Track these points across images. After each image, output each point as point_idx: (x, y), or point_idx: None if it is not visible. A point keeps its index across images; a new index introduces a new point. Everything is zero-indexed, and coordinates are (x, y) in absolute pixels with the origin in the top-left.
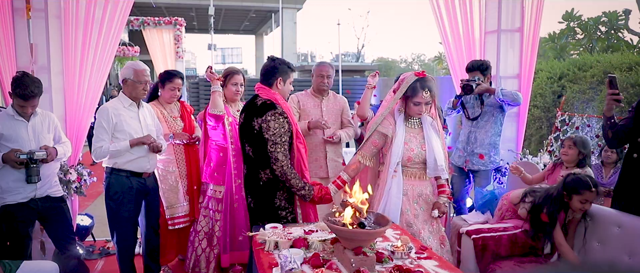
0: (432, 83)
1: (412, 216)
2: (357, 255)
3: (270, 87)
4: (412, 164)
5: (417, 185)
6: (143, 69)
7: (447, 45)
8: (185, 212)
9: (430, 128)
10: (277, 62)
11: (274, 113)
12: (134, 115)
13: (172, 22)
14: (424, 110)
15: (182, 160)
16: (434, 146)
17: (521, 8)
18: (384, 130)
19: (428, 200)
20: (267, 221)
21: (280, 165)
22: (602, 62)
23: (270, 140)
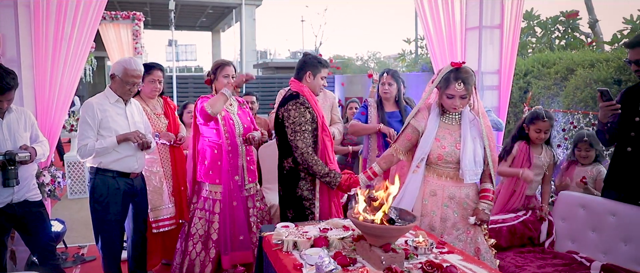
0: (467, 75)
1: (439, 219)
2: (386, 252)
3: (300, 81)
4: (444, 163)
5: (449, 187)
6: (134, 69)
7: (430, 41)
8: (171, 214)
9: (470, 126)
10: (307, 58)
11: (296, 102)
12: (120, 112)
13: (130, 16)
14: (459, 104)
15: (167, 160)
16: (470, 146)
17: (501, 5)
18: (417, 124)
19: (464, 205)
20: (292, 210)
21: (300, 152)
22: (564, 59)
23: (290, 128)
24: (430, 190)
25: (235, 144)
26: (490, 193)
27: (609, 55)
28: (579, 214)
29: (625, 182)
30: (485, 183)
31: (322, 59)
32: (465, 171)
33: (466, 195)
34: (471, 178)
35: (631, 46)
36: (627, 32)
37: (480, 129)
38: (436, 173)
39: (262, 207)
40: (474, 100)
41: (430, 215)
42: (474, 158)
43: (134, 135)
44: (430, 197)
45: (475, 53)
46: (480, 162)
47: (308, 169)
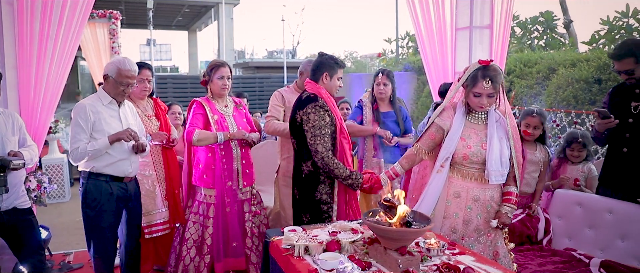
0: (496, 73)
1: (461, 221)
2: (403, 255)
3: (317, 82)
4: (470, 164)
5: (473, 188)
6: (128, 69)
7: (421, 41)
8: (164, 219)
9: (496, 126)
10: (324, 58)
11: (315, 105)
12: (114, 114)
13: (107, 15)
14: (486, 103)
15: (160, 163)
16: (496, 146)
17: (491, 6)
18: (442, 123)
19: (488, 207)
20: (309, 214)
21: (321, 157)
22: (545, 58)
23: (310, 132)
24: (454, 191)
25: (229, 148)
26: (513, 196)
27: (589, 55)
28: (576, 212)
29: (622, 181)
30: (509, 186)
31: (338, 59)
32: (491, 172)
33: (491, 198)
34: (497, 179)
35: (617, 58)
36: (604, 33)
37: (507, 129)
38: (461, 174)
39: (259, 211)
40: (500, 100)
41: (453, 217)
42: (500, 159)
43: (126, 133)
44: (453, 199)
45: (465, 53)
46: (506, 163)
47: (329, 173)
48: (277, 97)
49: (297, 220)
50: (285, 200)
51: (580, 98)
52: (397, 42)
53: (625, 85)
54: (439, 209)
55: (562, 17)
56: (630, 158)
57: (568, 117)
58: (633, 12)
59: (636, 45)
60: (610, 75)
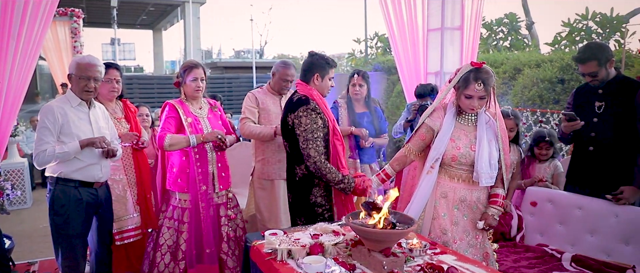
0: (488, 76)
1: (449, 222)
2: (387, 257)
3: (308, 83)
4: (458, 165)
5: (460, 189)
6: (87, 62)
7: (394, 42)
8: (136, 224)
9: (486, 127)
10: (315, 58)
11: (307, 109)
12: (83, 117)
13: (68, 13)
14: (477, 105)
15: (131, 167)
16: (485, 148)
17: (461, 7)
18: (432, 123)
19: (474, 209)
20: (304, 217)
21: (313, 162)
22: (511, 59)
23: (302, 136)
24: (442, 192)
25: (204, 151)
26: (500, 198)
27: (552, 56)
28: (547, 208)
29: (589, 179)
30: (496, 188)
31: (329, 58)
32: (480, 174)
33: (477, 199)
34: (486, 181)
35: (581, 61)
36: (565, 34)
37: (496, 131)
38: (448, 175)
39: (235, 215)
40: (490, 102)
41: (441, 217)
42: (489, 161)
43: (99, 140)
44: (441, 199)
45: (437, 54)
46: (495, 165)
47: (321, 178)
48: (250, 99)
49: (293, 224)
50: (261, 202)
51: (545, 97)
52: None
53: (588, 86)
54: (428, 210)
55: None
56: (596, 156)
57: (534, 116)
58: (592, 15)
59: (599, 49)
60: (573, 75)
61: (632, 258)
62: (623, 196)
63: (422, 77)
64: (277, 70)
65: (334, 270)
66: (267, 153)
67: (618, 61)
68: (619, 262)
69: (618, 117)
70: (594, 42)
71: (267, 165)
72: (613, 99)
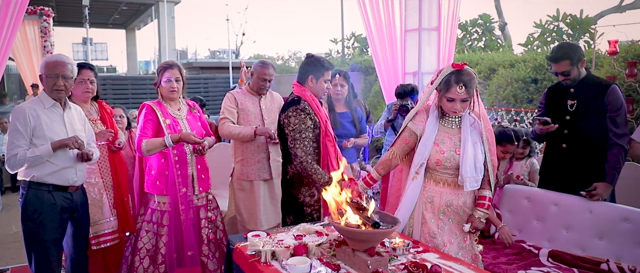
0: (469, 78)
1: (436, 227)
2: (372, 257)
3: (303, 84)
4: (443, 169)
5: (446, 193)
6: (55, 60)
7: (372, 42)
8: (113, 228)
9: (470, 130)
10: (311, 60)
11: (296, 109)
12: (57, 118)
13: (38, 11)
14: (459, 108)
15: (107, 169)
16: (470, 151)
17: (438, 8)
18: (415, 127)
19: (460, 212)
20: (293, 216)
21: (299, 161)
22: (485, 59)
23: (290, 136)
24: (428, 196)
25: (183, 152)
26: (486, 200)
27: (525, 57)
28: (524, 205)
29: (562, 175)
30: (483, 190)
31: (325, 61)
32: (465, 178)
33: (463, 203)
34: (472, 185)
35: (555, 60)
36: (537, 35)
37: (481, 132)
38: (434, 180)
39: (215, 217)
40: (475, 103)
41: (429, 222)
42: (474, 164)
43: (72, 140)
44: (427, 204)
45: (415, 54)
46: (481, 168)
47: (308, 178)
48: (230, 99)
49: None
50: (241, 203)
51: (519, 97)
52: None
53: (560, 85)
54: (417, 216)
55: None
56: (569, 153)
57: (508, 115)
58: (563, 16)
59: (571, 48)
60: (545, 74)
61: (606, 253)
62: (596, 192)
63: (400, 77)
64: (255, 70)
65: (320, 270)
66: (247, 154)
67: (588, 62)
68: (593, 257)
69: (589, 115)
70: (566, 42)
71: (246, 166)
72: (584, 97)
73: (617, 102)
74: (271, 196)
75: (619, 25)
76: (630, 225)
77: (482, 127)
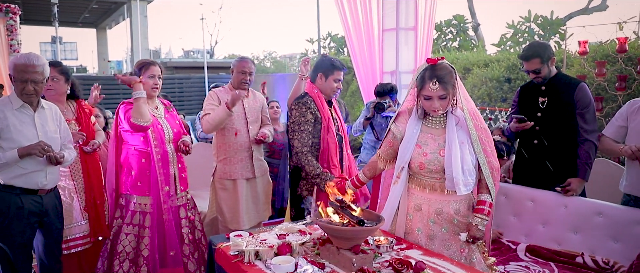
0: (444, 72)
1: (425, 237)
2: (357, 254)
3: (314, 82)
4: (428, 173)
5: (435, 200)
6: (23, 63)
7: (350, 41)
8: (84, 232)
9: (457, 129)
10: (321, 59)
11: (298, 102)
12: (27, 120)
13: (3, 9)
14: (438, 106)
15: (79, 172)
16: (455, 153)
17: (415, 8)
18: (396, 129)
19: (453, 221)
20: (294, 210)
21: (295, 152)
22: (460, 59)
23: (290, 128)
24: (415, 204)
25: (165, 151)
26: (485, 205)
27: (499, 57)
28: (502, 201)
29: (535, 171)
30: (481, 194)
31: (336, 61)
32: (455, 181)
33: (456, 211)
34: (461, 189)
35: (526, 58)
36: (510, 35)
37: (469, 132)
38: (419, 185)
39: (193, 216)
40: (459, 100)
41: (415, 232)
42: (461, 166)
43: (38, 147)
44: (414, 212)
45: (392, 53)
46: (471, 170)
47: (302, 169)
48: (212, 97)
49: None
50: (223, 203)
51: (494, 96)
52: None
53: (532, 84)
54: (400, 224)
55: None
56: (541, 149)
57: (483, 114)
58: (534, 18)
59: (541, 47)
60: (518, 74)
61: (581, 246)
62: (571, 187)
63: (378, 76)
64: (234, 65)
65: (306, 269)
66: (229, 153)
67: (559, 61)
68: (569, 250)
69: (560, 112)
70: (537, 42)
71: (229, 165)
72: (555, 95)
73: (585, 99)
74: (253, 195)
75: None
76: (604, 219)
77: (470, 125)
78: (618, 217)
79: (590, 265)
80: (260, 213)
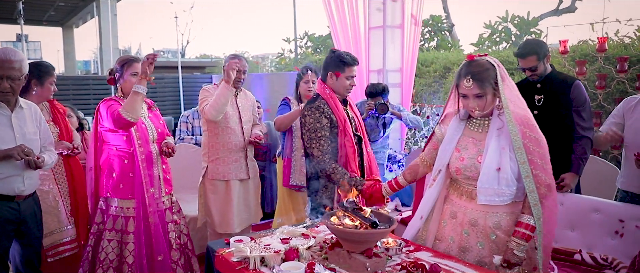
0: (480, 69)
1: (457, 247)
2: (370, 258)
3: (325, 81)
4: (465, 179)
5: (471, 210)
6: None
7: (337, 39)
8: (71, 237)
9: (496, 133)
10: (332, 55)
11: (311, 107)
12: (4, 121)
13: None
14: (474, 105)
15: (62, 175)
16: (492, 158)
17: (401, 6)
18: (438, 130)
19: (490, 236)
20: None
21: (317, 162)
22: (440, 58)
23: (306, 136)
24: (452, 211)
25: (149, 152)
26: (522, 227)
27: None
28: None
29: None
30: (521, 215)
31: (346, 57)
32: (480, 189)
33: (495, 225)
34: (486, 198)
35: (522, 56)
36: (487, 35)
37: (513, 138)
38: (457, 191)
39: (179, 220)
40: (504, 102)
41: (448, 240)
42: (496, 174)
43: (18, 151)
44: (449, 219)
45: (379, 51)
46: (508, 181)
47: (327, 178)
48: (206, 90)
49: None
50: (212, 206)
51: None
52: (296, 41)
53: (527, 81)
54: (432, 230)
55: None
56: None
57: None
58: (511, 18)
59: (537, 45)
60: None
61: (578, 243)
62: (564, 183)
63: (364, 75)
64: (225, 62)
65: None
66: (222, 153)
67: None
68: (567, 248)
69: (556, 109)
70: (533, 39)
71: (222, 165)
72: (551, 92)
73: (581, 97)
74: (245, 197)
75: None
76: (600, 215)
77: (513, 130)
78: (615, 213)
79: (588, 262)
80: (252, 215)
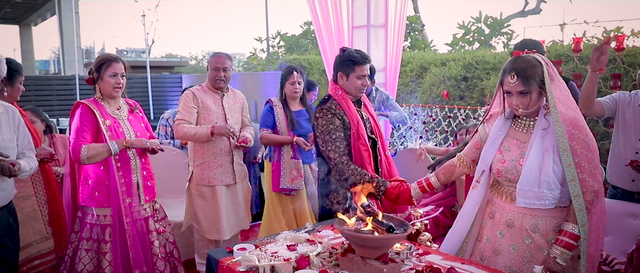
0: (525, 66)
1: (490, 249)
2: (386, 264)
3: (336, 82)
4: (506, 181)
5: (508, 210)
6: None
7: (321, 38)
8: (49, 248)
9: (541, 134)
10: (340, 55)
11: (322, 109)
12: None
13: None
14: (517, 103)
15: (39, 182)
16: (534, 160)
17: (385, 6)
18: (482, 129)
19: (525, 240)
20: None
21: (334, 164)
22: (417, 58)
23: (320, 138)
24: (490, 211)
25: (126, 158)
26: (565, 236)
27: (454, 56)
28: None
29: None
30: (565, 223)
31: (356, 55)
32: (519, 190)
33: (532, 228)
34: (524, 200)
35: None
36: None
37: (558, 140)
38: (498, 192)
39: (163, 228)
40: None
41: (483, 241)
42: (538, 176)
43: None
44: (488, 219)
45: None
46: (551, 184)
47: (346, 180)
48: (189, 97)
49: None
50: (200, 211)
51: (452, 94)
52: (268, 41)
53: None
54: (474, 232)
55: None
56: None
57: (442, 112)
58: (485, 18)
59: (534, 45)
60: (475, 73)
61: None
62: None
63: None
64: (208, 61)
65: None
66: (208, 157)
67: None
68: None
69: None
70: (529, 39)
71: (207, 170)
72: None
73: (575, 96)
74: (234, 202)
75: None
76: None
77: (560, 131)
78: (607, 210)
79: None
80: (241, 220)
